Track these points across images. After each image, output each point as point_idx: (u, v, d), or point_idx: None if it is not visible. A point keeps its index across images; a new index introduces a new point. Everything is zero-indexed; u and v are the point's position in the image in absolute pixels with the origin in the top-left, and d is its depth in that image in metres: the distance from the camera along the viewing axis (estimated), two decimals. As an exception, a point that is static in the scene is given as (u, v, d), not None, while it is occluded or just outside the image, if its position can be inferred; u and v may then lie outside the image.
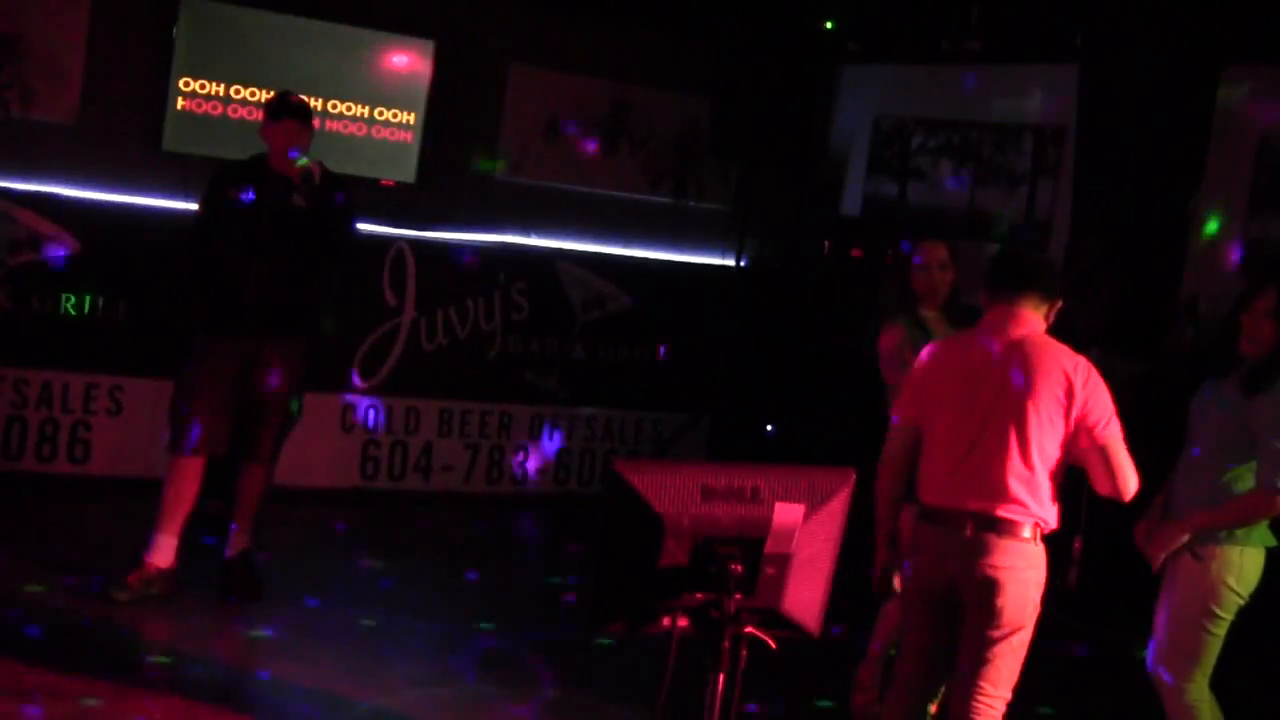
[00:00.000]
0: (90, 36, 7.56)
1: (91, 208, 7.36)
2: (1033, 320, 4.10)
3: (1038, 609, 4.06)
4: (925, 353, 4.27)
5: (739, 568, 2.90)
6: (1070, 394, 3.99)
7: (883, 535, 4.32)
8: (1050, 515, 4.09)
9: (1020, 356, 4.02)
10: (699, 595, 2.93)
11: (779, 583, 2.99)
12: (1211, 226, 7.34)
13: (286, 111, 5.84)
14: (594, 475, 8.54)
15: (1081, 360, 4.04)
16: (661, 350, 8.69)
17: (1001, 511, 4.00)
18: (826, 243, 8.84)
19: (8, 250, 7.13)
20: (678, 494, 2.89)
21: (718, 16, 8.86)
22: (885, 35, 9.16)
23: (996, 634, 4.03)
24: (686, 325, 8.85)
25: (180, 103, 7.71)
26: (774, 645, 3.04)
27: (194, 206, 6.16)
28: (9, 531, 6.49)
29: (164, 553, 5.78)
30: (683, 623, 2.96)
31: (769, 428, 8.97)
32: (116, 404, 7.38)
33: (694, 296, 8.90)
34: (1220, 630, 4.55)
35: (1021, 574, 4.01)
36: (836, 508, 3.07)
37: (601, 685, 5.54)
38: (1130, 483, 4.05)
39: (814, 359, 8.97)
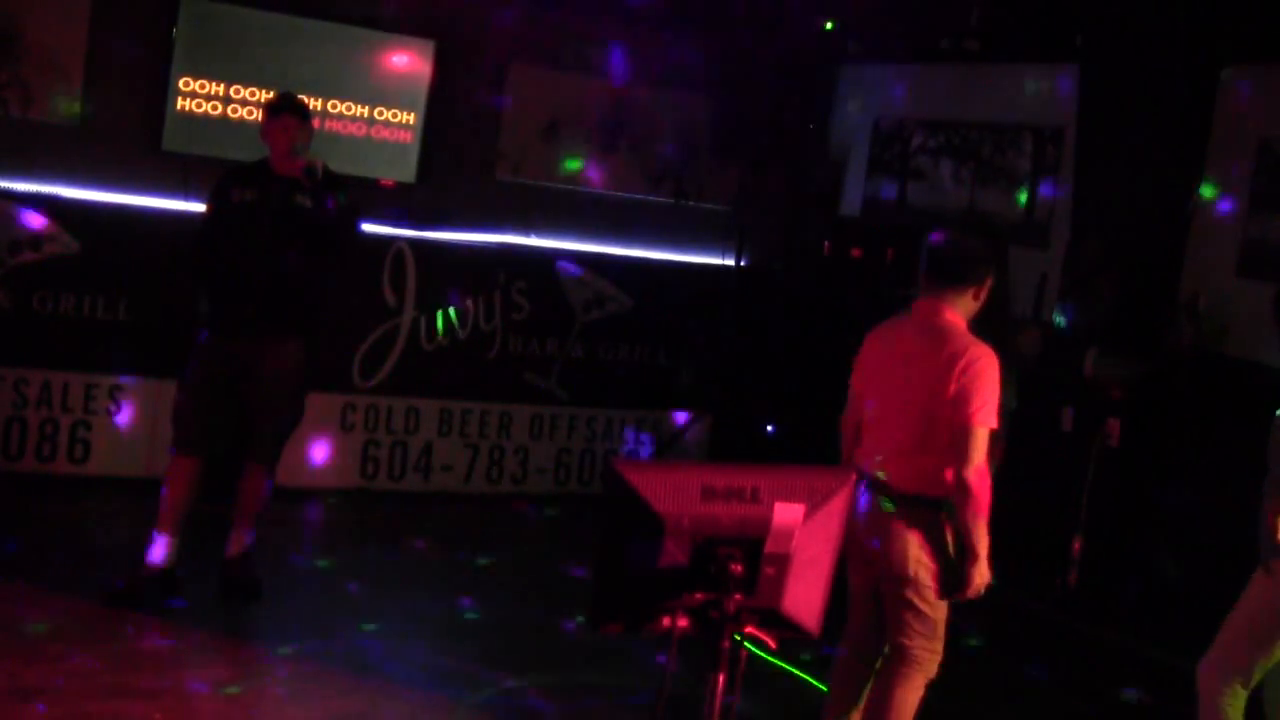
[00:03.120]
0: (90, 36, 7.56)
1: (91, 208, 7.37)
2: (954, 309, 4.43)
3: (930, 567, 4.35)
4: (869, 336, 4.65)
5: (739, 568, 2.90)
6: (951, 376, 4.27)
7: None
8: (944, 486, 4.31)
9: (927, 343, 4.38)
10: (699, 595, 2.93)
11: (779, 583, 2.98)
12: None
13: (286, 108, 5.85)
14: (594, 475, 8.54)
15: (977, 348, 4.32)
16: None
17: (894, 480, 4.38)
18: (826, 243, 8.84)
19: (8, 250, 7.13)
20: (678, 494, 2.89)
21: (718, 16, 8.86)
22: (885, 35, 9.15)
23: (893, 590, 4.42)
24: (686, 325, 8.85)
25: (180, 103, 7.71)
26: (774, 645, 3.05)
27: (194, 206, 6.17)
28: (9, 531, 6.49)
29: (164, 552, 5.78)
30: (683, 623, 2.96)
31: (769, 428, 8.96)
32: (116, 404, 7.38)
33: (694, 296, 8.90)
34: None
35: (904, 534, 4.36)
36: (836, 508, 3.06)
37: (601, 685, 5.54)
38: (972, 480, 4.23)
39: (814, 359, 8.97)
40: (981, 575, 4.31)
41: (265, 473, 5.96)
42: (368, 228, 7.16)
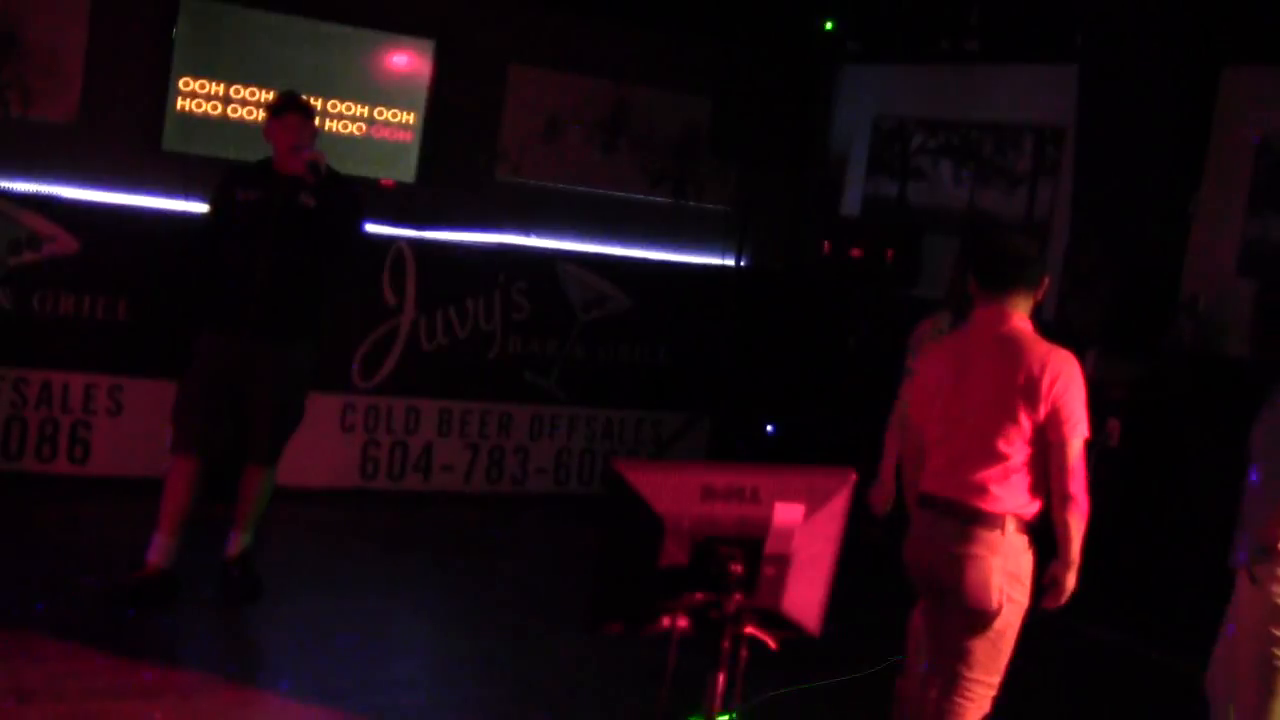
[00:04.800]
0: (90, 36, 7.56)
1: (91, 208, 7.36)
2: (1020, 313, 4.20)
3: (1012, 599, 4.08)
4: (921, 362, 4.39)
5: (739, 568, 2.90)
6: (1039, 389, 4.04)
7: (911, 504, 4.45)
8: (1026, 505, 4.11)
9: (1000, 353, 4.13)
10: (699, 595, 2.93)
11: (779, 583, 2.98)
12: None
13: (290, 107, 5.85)
14: (594, 475, 8.54)
15: (1058, 356, 4.09)
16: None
17: (973, 500, 4.10)
18: (826, 243, 8.84)
19: (8, 250, 7.13)
20: (678, 494, 2.88)
21: (717, 16, 8.87)
22: (885, 35, 9.16)
23: (965, 619, 4.11)
24: (686, 325, 8.85)
25: (180, 103, 7.71)
26: (774, 645, 3.04)
27: (194, 207, 6.16)
28: (9, 531, 6.49)
29: (164, 553, 5.77)
30: (683, 623, 2.96)
31: (769, 428, 8.97)
32: (116, 404, 7.38)
33: (694, 296, 8.90)
34: None
35: (986, 561, 4.06)
36: (836, 508, 3.06)
37: (601, 685, 5.54)
38: (1075, 491, 4.02)
39: (814, 359, 8.98)
40: (1072, 582, 4.12)
41: (265, 473, 5.96)
42: (368, 227, 7.18)
